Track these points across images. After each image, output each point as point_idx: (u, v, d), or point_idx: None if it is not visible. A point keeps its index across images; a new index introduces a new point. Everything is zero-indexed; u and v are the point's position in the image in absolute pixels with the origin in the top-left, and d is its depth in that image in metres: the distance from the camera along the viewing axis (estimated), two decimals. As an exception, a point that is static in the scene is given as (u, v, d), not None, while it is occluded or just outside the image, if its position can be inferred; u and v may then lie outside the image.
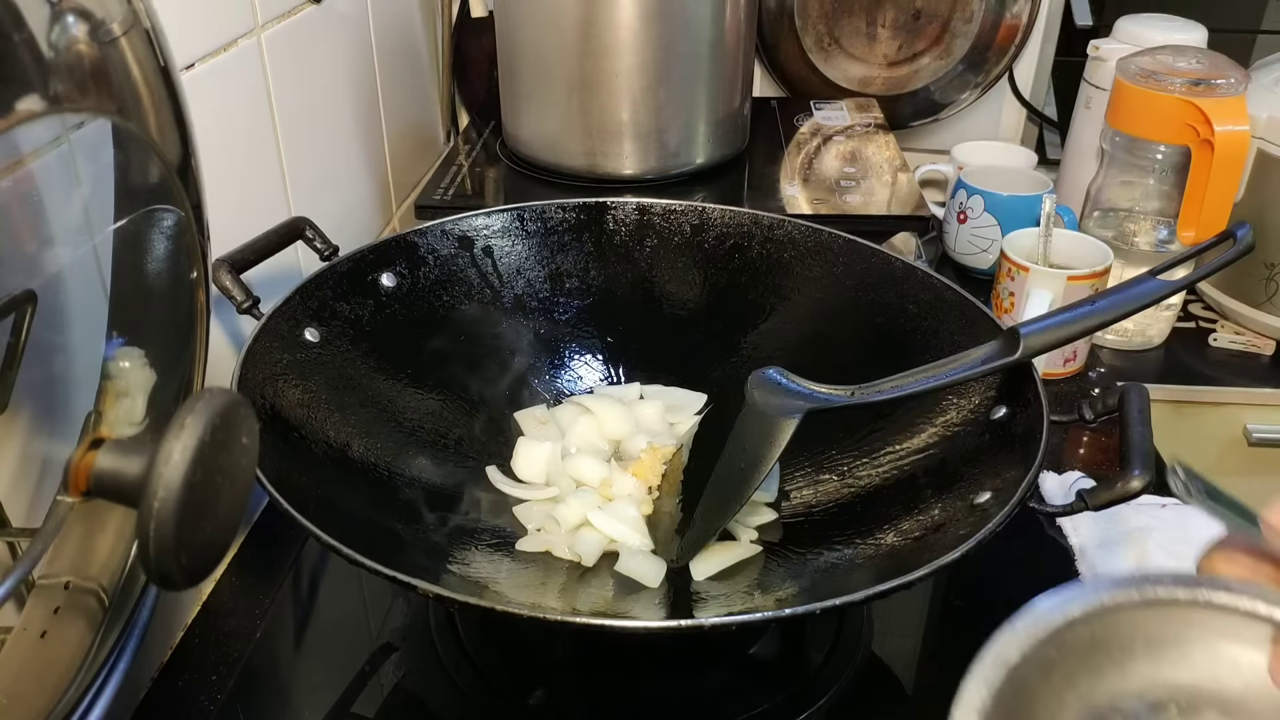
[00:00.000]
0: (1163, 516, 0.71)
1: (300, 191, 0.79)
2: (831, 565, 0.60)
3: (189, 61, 0.62)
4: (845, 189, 0.97)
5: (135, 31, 0.39)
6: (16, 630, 0.40)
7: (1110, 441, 0.86)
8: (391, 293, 0.71)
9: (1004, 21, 1.21)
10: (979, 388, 0.63)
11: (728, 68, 0.97)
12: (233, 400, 0.34)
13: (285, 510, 0.49)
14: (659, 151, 0.97)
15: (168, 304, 0.48)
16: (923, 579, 0.47)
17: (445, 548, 0.61)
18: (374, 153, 0.96)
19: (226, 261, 0.63)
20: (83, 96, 0.36)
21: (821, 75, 1.24)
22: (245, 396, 0.45)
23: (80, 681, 0.43)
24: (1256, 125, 0.92)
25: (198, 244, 0.47)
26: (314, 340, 0.65)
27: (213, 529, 0.34)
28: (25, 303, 0.39)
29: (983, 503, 0.55)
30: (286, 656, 0.66)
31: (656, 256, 0.78)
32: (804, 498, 0.68)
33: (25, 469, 0.42)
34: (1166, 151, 0.95)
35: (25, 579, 0.40)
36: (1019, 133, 1.32)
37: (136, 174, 0.43)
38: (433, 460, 0.68)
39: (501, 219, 0.76)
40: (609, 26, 0.90)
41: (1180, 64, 0.95)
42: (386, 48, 0.98)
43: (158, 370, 0.47)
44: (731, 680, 0.63)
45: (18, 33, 0.32)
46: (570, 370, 0.78)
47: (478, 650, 0.64)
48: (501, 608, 0.46)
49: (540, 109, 0.97)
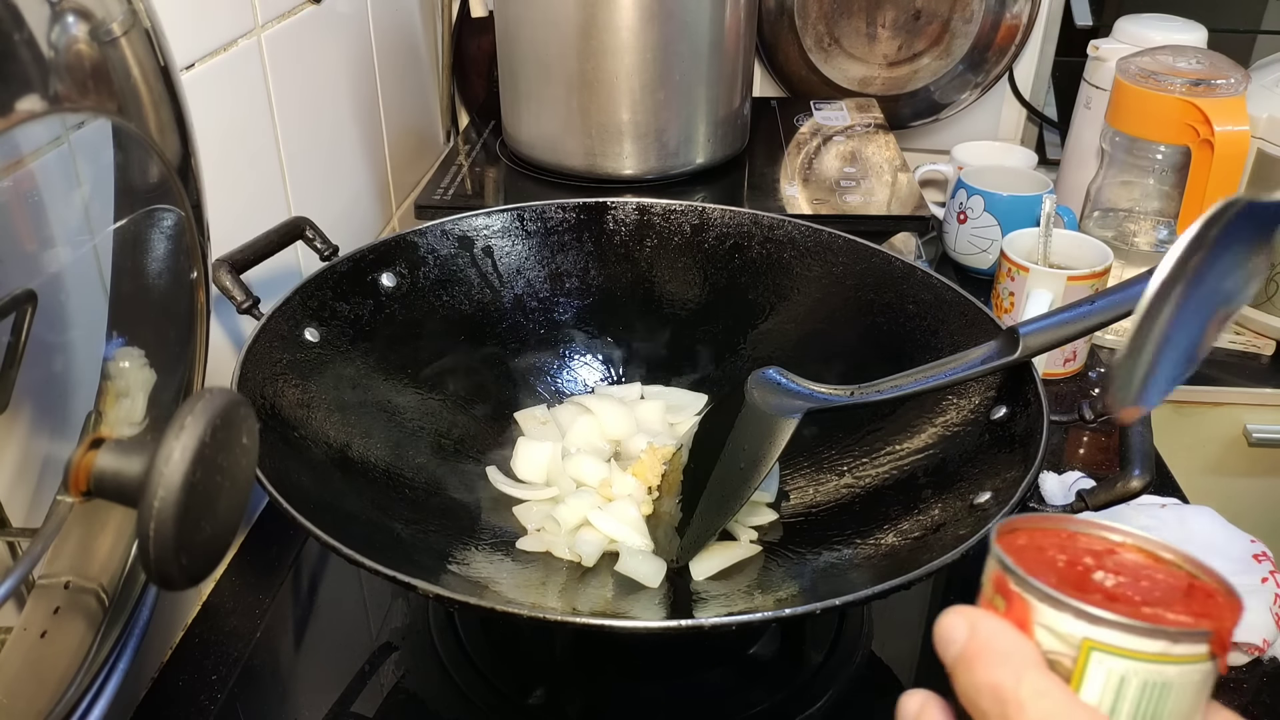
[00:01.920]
0: (1162, 516, 0.71)
1: (300, 191, 0.79)
2: (831, 565, 0.60)
3: (189, 61, 0.62)
4: (845, 189, 0.97)
5: (135, 31, 0.39)
6: (16, 630, 0.40)
7: (1110, 441, 0.86)
8: (391, 293, 0.71)
9: (1004, 21, 1.21)
10: (979, 388, 0.63)
11: (728, 68, 0.97)
12: (233, 400, 0.34)
13: (285, 510, 0.49)
14: (659, 151, 0.97)
15: (168, 304, 0.48)
16: (922, 579, 0.47)
17: (445, 548, 0.61)
18: (374, 152, 0.96)
19: (226, 261, 0.63)
20: (83, 96, 0.36)
21: (821, 75, 1.24)
22: (245, 396, 0.45)
23: (80, 681, 0.43)
24: (1256, 125, 0.92)
25: (198, 244, 0.47)
26: (314, 340, 0.65)
27: (213, 529, 0.34)
28: (25, 302, 0.39)
29: (983, 503, 0.55)
30: (286, 656, 0.66)
31: (656, 256, 0.78)
32: (804, 498, 0.68)
33: (25, 469, 0.42)
34: (1166, 152, 0.95)
35: (25, 579, 0.40)
36: (1019, 133, 1.32)
37: (136, 174, 0.43)
38: (432, 460, 0.68)
39: (501, 219, 0.76)
40: (609, 26, 0.90)
41: (1180, 64, 0.95)
42: (386, 47, 0.98)
43: (158, 370, 0.47)
44: (731, 680, 0.63)
45: (18, 32, 0.32)
46: (570, 370, 0.78)
47: (478, 650, 0.64)
48: (501, 608, 0.46)
49: (540, 109, 0.97)
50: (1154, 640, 0.27)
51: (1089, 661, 0.27)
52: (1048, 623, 0.28)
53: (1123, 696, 0.27)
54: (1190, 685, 0.27)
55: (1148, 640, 0.27)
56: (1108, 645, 0.27)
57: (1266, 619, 0.63)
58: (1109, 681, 0.27)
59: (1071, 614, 0.28)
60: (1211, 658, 0.27)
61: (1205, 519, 0.71)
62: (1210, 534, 0.69)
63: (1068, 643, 0.28)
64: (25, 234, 0.42)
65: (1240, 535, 0.69)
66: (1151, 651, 0.27)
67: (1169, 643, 0.27)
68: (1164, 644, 0.27)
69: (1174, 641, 0.27)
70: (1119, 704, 0.27)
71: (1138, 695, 0.27)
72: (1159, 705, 0.27)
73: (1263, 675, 0.63)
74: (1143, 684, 0.27)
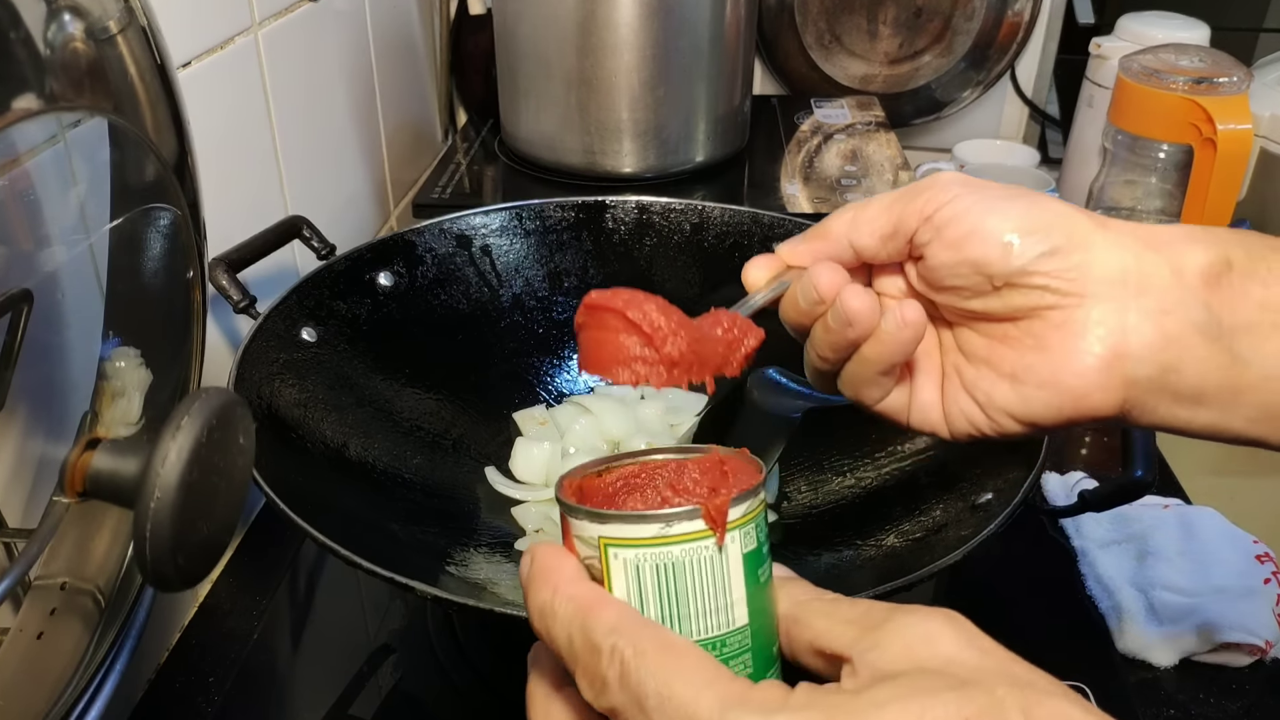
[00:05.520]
0: (1165, 517, 0.71)
1: (297, 190, 0.78)
2: (832, 566, 0.60)
3: (186, 59, 0.62)
4: (846, 187, 0.97)
5: (131, 29, 0.39)
6: (13, 631, 0.40)
7: (1112, 442, 0.85)
8: (389, 292, 0.71)
9: (1006, 19, 1.21)
10: (980, 387, 0.62)
11: (728, 65, 0.97)
12: (230, 400, 0.34)
13: (282, 511, 0.49)
14: (658, 149, 0.96)
15: (164, 303, 0.48)
16: (923, 579, 0.47)
17: (443, 549, 0.61)
18: (371, 151, 0.96)
19: (223, 260, 0.62)
20: (79, 94, 0.36)
21: (822, 73, 1.24)
22: (242, 396, 0.44)
23: (77, 683, 0.43)
24: (1259, 124, 0.92)
25: (194, 243, 0.47)
26: (311, 340, 0.65)
27: (209, 530, 0.34)
28: (21, 302, 0.39)
29: (984, 503, 0.55)
30: (284, 658, 0.65)
31: (656, 255, 0.78)
32: (804, 498, 0.68)
33: (21, 469, 0.42)
34: (1169, 150, 0.95)
35: (21, 580, 0.40)
36: (1021, 131, 1.32)
37: (133, 172, 0.43)
38: (431, 460, 0.68)
39: (500, 218, 0.76)
40: (608, 23, 0.90)
41: (1183, 62, 0.95)
42: (384, 45, 0.97)
43: (154, 370, 0.47)
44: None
45: (14, 31, 0.31)
46: (570, 370, 0.78)
47: (476, 652, 0.63)
48: (500, 609, 0.46)
49: (539, 107, 0.97)
50: (648, 525, 0.29)
51: (608, 558, 0.30)
52: (577, 532, 0.31)
53: (642, 584, 0.30)
54: (700, 562, 0.29)
55: (642, 526, 0.29)
56: (615, 538, 0.30)
57: (1269, 620, 0.63)
58: (628, 572, 0.30)
59: (586, 518, 0.30)
60: (711, 532, 0.29)
61: (1208, 520, 0.70)
62: (1213, 535, 0.69)
63: (591, 545, 0.30)
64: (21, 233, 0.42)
65: (1243, 536, 0.69)
66: (649, 536, 0.29)
67: (663, 525, 0.29)
68: (658, 527, 0.29)
69: (666, 524, 0.29)
70: (641, 592, 0.30)
71: (654, 580, 0.29)
72: (676, 585, 0.29)
73: (1265, 676, 0.63)
74: (654, 568, 0.29)
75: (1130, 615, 0.64)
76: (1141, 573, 0.67)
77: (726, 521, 0.30)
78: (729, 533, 0.30)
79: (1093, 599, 0.68)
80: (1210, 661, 0.63)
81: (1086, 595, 0.68)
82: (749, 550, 0.30)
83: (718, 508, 0.29)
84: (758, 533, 0.31)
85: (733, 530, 0.30)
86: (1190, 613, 0.63)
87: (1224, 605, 0.63)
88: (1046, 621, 0.67)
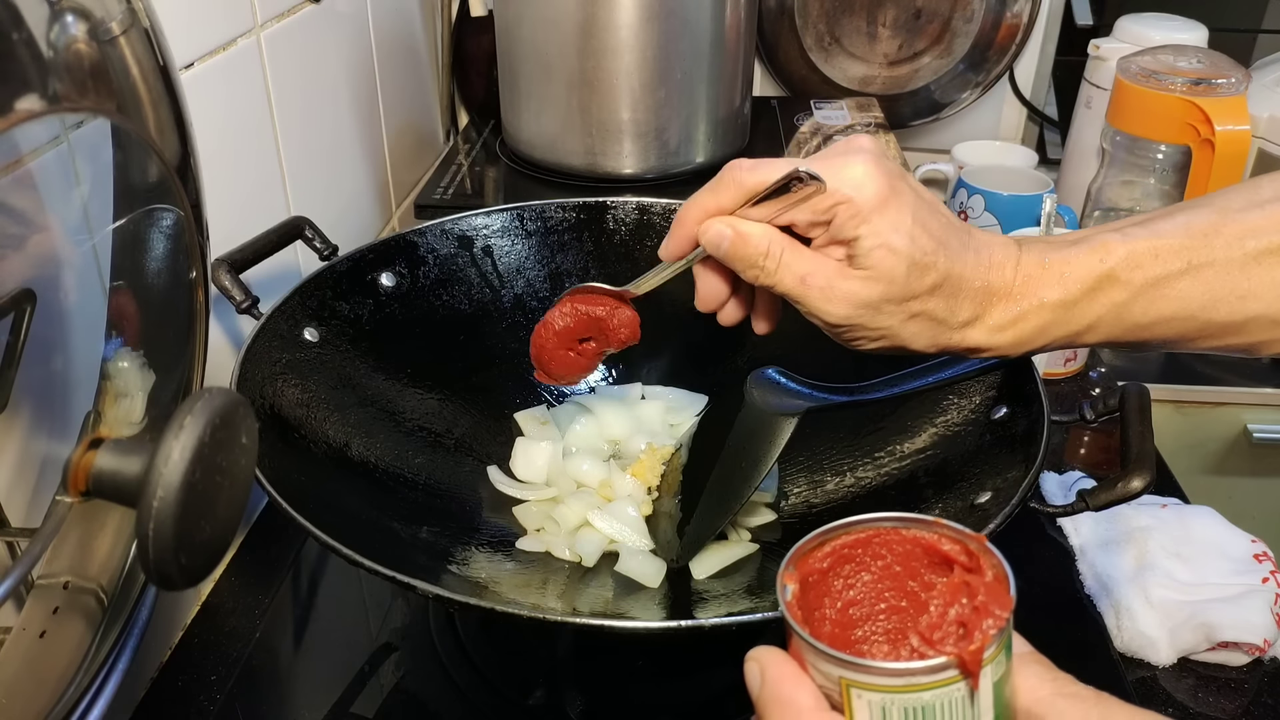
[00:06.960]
0: (1163, 516, 0.71)
1: (299, 191, 0.79)
2: (832, 565, 0.60)
3: (188, 61, 0.62)
4: (845, 188, 0.97)
5: (134, 31, 0.39)
6: (15, 630, 0.40)
7: (1111, 441, 0.86)
8: (391, 292, 0.71)
9: (1004, 21, 1.21)
10: (979, 387, 0.63)
11: (728, 67, 0.97)
12: (232, 400, 0.34)
13: (284, 510, 0.49)
14: (659, 150, 0.97)
15: (167, 303, 0.48)
16: (923, 579, 0.47)
17: (445, 548, 0.61)
18: (373, 152, 0.96)
19: (226, 261, 0.63)
20: (82, 96, 0.36)
21: (822, 74, 1.24)
22: (244, 396, 0.45)
23: (79, 681, 0.43)
24: (1257, 125, 0.92)
25: (197, 243, 0.47)
26: (313, 340, 0.65)
27: (212, 529, 0.34)
28: (24, 302, 0.39)
29: (983, 503, 0.55)
30: (286, 656, 0.66)
31: (656, 256, 0.78)
32: (804, 498, 0.68)
33: (24, 469, 0.42)
34: (1167, 151, 0.95)
35: (24, 579, 0.40)
36: (1019, 132, 1.32)
37: (135, 173, 0.43)
38: (432, 460, 0.68)
39: (501, 218, 0.76)
40: (609, 25, 0.90)
41: (1181, 63, 0.95)
42: (386, 46, 0.98)
43: (157, 370, 0.47)
44: (731, 680, 0.63)
45: (17, 32, 0.32)
46: (570, 370, 0.78)
47: (478, 650, 0.64)
48: (501, 608, 0.46)
49: (540, 108, 0.97)
50: (899, 678, 0.29)
51: (851, 697, 0.29)
52: (813, 662, 0.30)
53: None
54: (952, 701, 0.29)
55: (893, 679, 0.29)
56: (861, 684, 0.29)
57: (1267, 619, 0.63)
58: (873, 712, 0.29)
59: (826, 660, 0.30)
60: (964, 677, 0.28)
61: (1206, 519, 0.71)
62: (1211, 534, 0.69)
63: (831, 680, 0.30)
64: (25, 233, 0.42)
65: (1241, 535, 0.69)
66: (900, 685, 0.29)
67: (914, 678, 0.29)
68: (909, 680, 0.29)
69: (919, 676, 0.28)
70: None
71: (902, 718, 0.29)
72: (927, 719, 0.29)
73: (1263, 675, 0.63)
74: (903, 710, 0.29)
75: (1129, 614, 0.65)
76: (1140, 572, 0.67)
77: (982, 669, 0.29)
78: (983, 669, 0.29)
79: (1091, 598, 0.68)
80: (1208, 660, 0.64)
81: (1085, 594, 0.68)
82: (999, 677, 0.29)
83: (973, 657, 0.28)
84: (1005, 653, 0.30)
85: (986, 667, 0.29)
86: (1188, 612, 0.63)
87: (1222, 604, 0.63)
88: (1045, 621, 0.67)
